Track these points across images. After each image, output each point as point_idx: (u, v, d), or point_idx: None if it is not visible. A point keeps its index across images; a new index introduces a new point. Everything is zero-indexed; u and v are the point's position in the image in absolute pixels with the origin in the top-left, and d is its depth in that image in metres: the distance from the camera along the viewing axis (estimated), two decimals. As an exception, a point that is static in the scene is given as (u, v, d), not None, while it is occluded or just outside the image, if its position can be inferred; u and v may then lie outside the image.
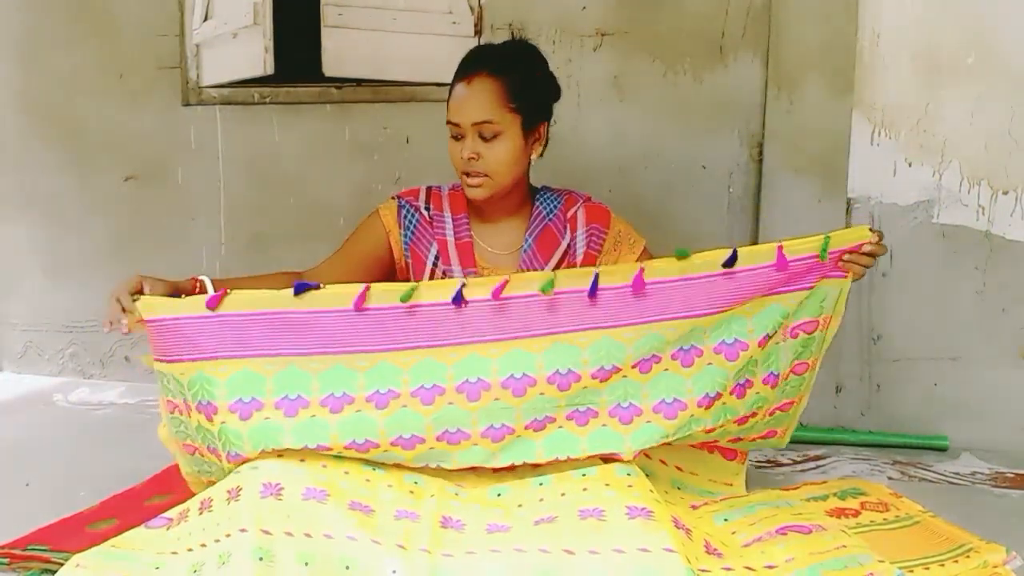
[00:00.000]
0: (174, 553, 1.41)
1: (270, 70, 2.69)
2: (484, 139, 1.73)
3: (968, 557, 1.56)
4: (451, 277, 1.81)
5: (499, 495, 1.58)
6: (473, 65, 1.76)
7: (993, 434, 2.37)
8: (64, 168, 3.05)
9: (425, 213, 1.87)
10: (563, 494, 1.52)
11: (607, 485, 1.52)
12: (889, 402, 2.48)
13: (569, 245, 1.86)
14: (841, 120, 2.40)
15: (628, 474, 1.55)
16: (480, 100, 1.72)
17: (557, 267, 1.83)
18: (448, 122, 1.76)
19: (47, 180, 3.07)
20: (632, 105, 2.57)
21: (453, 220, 1.87)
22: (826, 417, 2.49)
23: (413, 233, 1.87)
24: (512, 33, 2.57)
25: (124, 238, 3.02)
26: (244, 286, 1.65)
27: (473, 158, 1.73)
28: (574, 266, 1.85)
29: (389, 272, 1.89)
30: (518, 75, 1.76)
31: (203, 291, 1.62)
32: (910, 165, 2.40)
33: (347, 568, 1.34)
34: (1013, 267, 2.36)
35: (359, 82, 2.80)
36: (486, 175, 1.75)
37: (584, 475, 1.57)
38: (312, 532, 1.37)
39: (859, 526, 1.68)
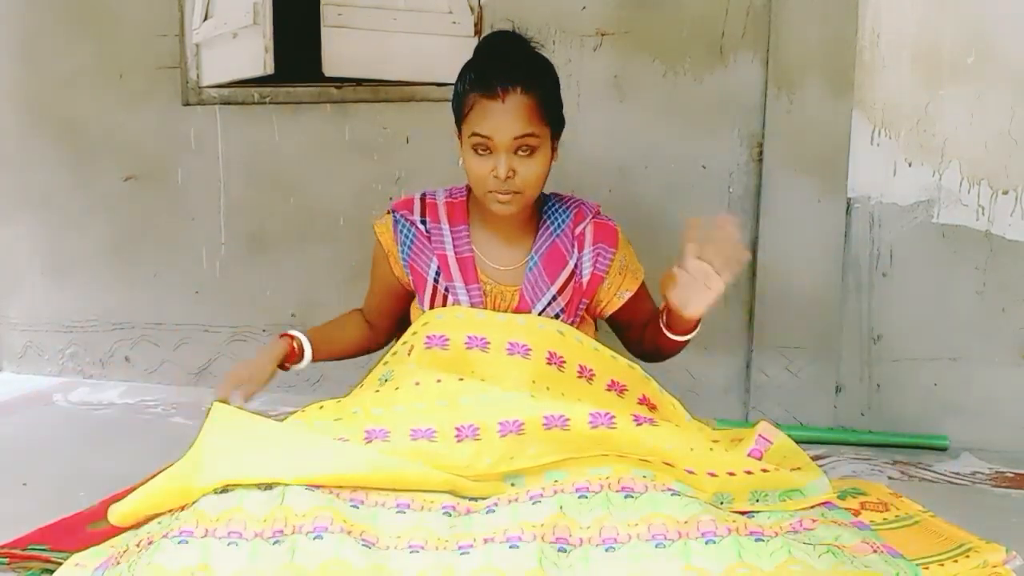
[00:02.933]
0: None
1: (270, 70, 2.69)
2: (521, 155, 1.64)
3: (968, 557, 1.56)
4: (454, 293, 1.77)
5: (512, 484, 1.53)
6: (502, 81, 1.62)
7: (993, 434, 2.37)
8: (64, 168, 3.05)
9: (422, 227, 1.80)
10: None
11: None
12: (889, 402, 2.48)
13: (576, 264, 1.80)
14: (841, 120, 2.40)
15: (644, 476, 1.51)
16: (520, 114, 1.62)
17: (563, 288, 1.78)
18: (475, 134, 1.63)
19: (47, 180, 3.07)
20: (632, 105, 2.57)
21: (452, 232, 1.79)
22: (826, 417, 2.49)
23: (411, 249, 1.80)
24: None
25: (124, 238, 3.02)
26: (327, 337, 1.90)
27: (511, 176, 1.64)
28: (580, 285, 1.80)
29: (411, 290, 1.87)
30: (547, 86, 1.69)
31: (301, 351, 1.83)
32: (910, 165, 2.41)
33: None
34: (1013, 267, 2.36)
35: (359, 82, 2.80)
36: (519, 192, 1.66)
37: (645, 476, 1.51)
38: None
39: (859, 526, 1.68)
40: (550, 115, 1.68)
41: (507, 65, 1.66)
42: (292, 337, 1.83)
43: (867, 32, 2.39)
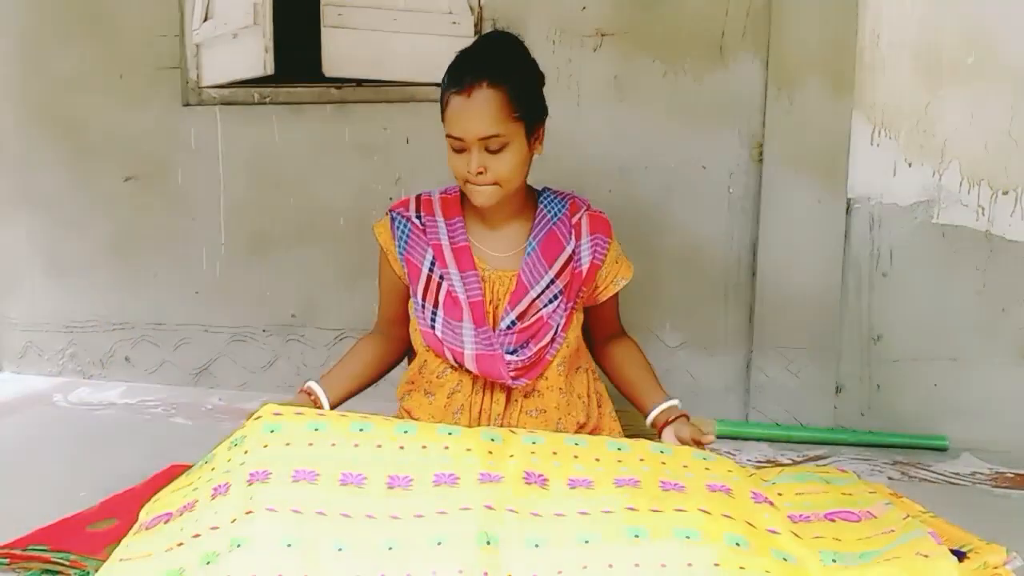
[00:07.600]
0: (180, 544, 1.36)
1: (270, 70, 2.69)
2: (491, 151, 1.68)
3: (968, 558, 1.55)
4: (449, 280, 1.80)
5: (533, 442, 1.53)
6: (469, 76, 1.67)
7: (993, 434, 2.37)
8: (64, 168, 3.05)
9: (417, 221, 1.84)
10: (642, 459, 1.51)
11: (685, 467, 1.51)
12: (889, 402, 2.48)
13: (574, 251, 1.84)
14: (841, 120, 2.40)
15: (704, 458, 1.56)
16: (484, 113, 1.65)
17: (560, 272, 1.81)
18: (448, 136, 1.70)
19: (47, 180, 3.07)
20: (632, 105, 2.57)
21: (447, 224, 1.84)
22: (826, 417, 2.49)
23: (407, 243, 1.84)
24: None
25: (124, 238, 3.02)
26: (342, 376, 1.86)
27: (481, 172, 1.68)
28: (579, 273, 1.84)
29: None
30: (517, 80, 1.70)
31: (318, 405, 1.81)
32: (910, 165, 2.40)
33: (390, 549, 1.26)
34: (1013, 267, 2.36)
35: (359, 82, 2.80)
36: (495, 183, 1.71)
37: (662, 451, 1.56)
38: (347, 512, 1.31)
39: (859, 526, 1.68)
40: (522, 108, 1.70)
41: (476, 60, 1.72)
42: (309, 392, 1.84)
43: (867, 32, 2.39)
